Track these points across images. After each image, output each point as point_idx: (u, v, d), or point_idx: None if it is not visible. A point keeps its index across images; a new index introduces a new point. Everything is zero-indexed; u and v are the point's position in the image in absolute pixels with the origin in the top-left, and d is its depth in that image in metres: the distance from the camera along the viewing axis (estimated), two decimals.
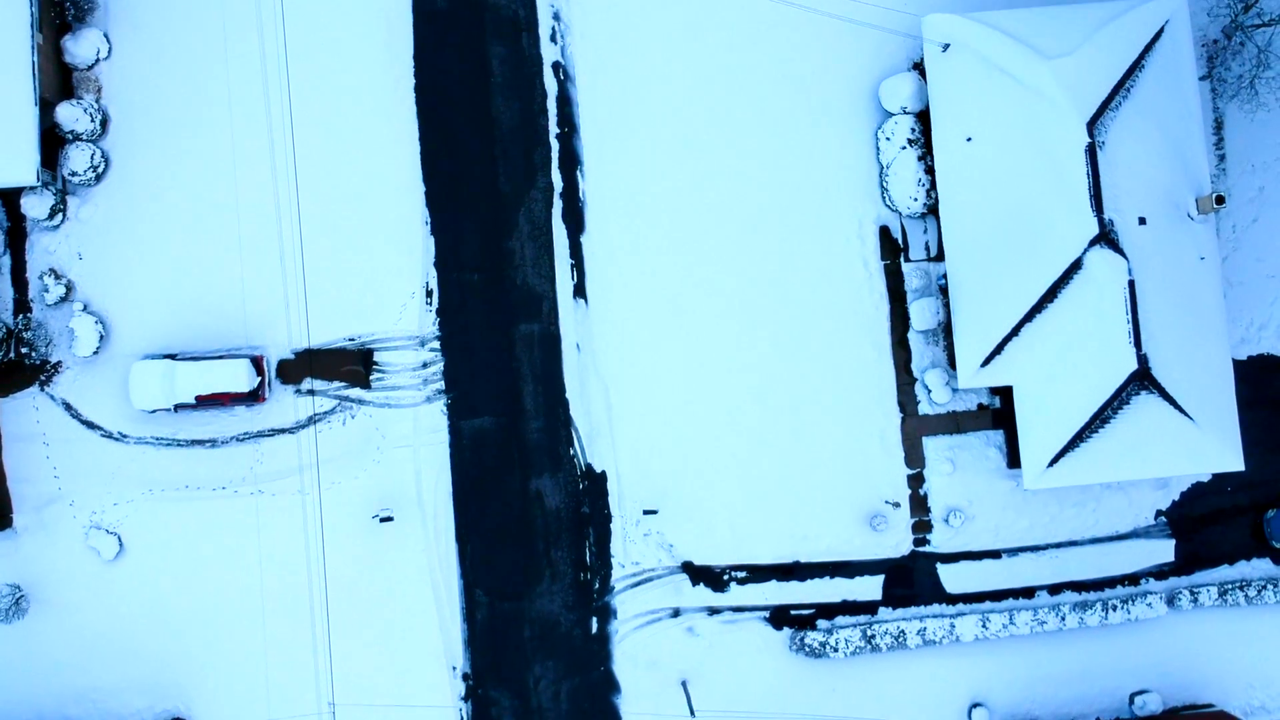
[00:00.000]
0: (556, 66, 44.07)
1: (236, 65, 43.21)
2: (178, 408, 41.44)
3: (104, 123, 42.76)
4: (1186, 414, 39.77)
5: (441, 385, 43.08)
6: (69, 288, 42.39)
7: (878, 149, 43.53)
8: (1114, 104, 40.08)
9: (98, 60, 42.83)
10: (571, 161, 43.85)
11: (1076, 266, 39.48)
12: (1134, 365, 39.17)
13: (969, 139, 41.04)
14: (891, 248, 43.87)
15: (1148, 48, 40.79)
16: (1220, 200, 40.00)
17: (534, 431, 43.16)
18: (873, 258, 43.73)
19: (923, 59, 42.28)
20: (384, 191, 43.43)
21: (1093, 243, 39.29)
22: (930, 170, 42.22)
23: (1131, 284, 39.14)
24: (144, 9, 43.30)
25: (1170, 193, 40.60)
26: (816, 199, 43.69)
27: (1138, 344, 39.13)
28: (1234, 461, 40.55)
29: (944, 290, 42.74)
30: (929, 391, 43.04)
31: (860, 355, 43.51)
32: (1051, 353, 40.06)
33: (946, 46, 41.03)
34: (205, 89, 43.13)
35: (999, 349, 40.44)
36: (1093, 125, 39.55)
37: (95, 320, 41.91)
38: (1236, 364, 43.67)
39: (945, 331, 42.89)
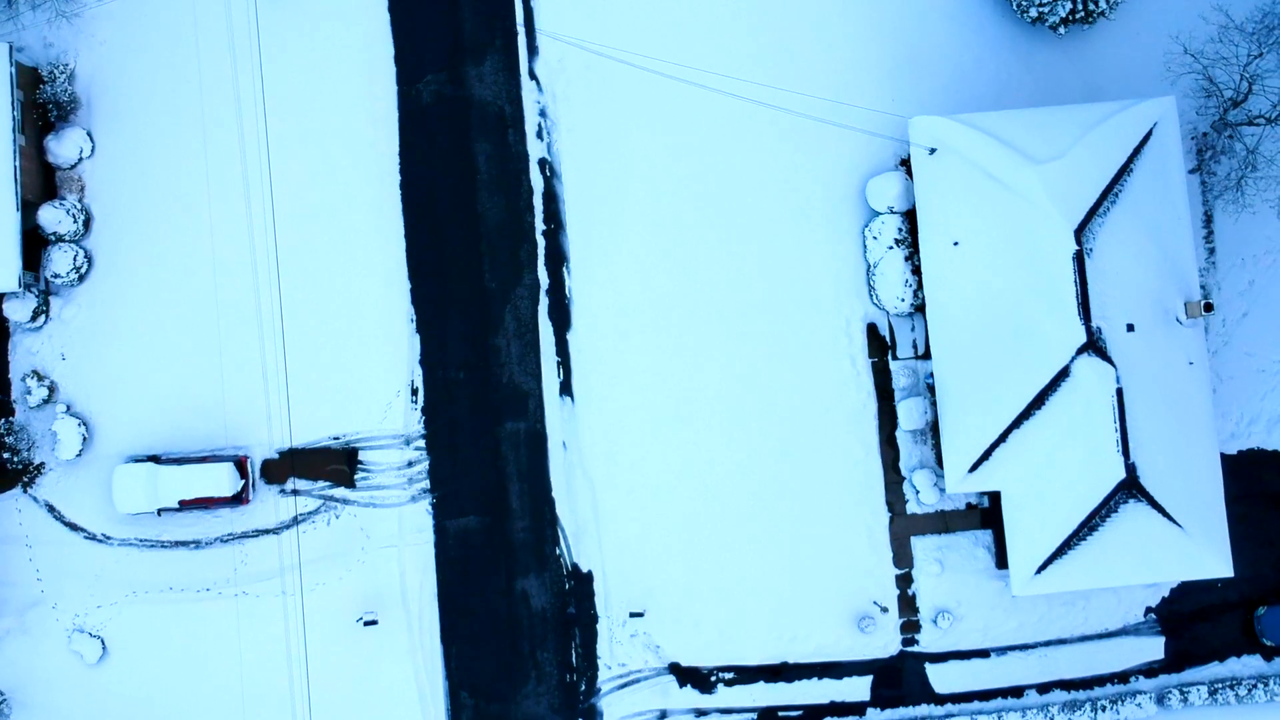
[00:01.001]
0: (543, 163, 43.86)
1: (218, 160, 43.11)
2: (161, 512, 41.23)
3: (87, 222, 42.57)
4: (1175, 522, 39.51)
5: (427, 484, 42.85)
6: (52, 389, 42.17)
7: (865, 247, 43.31)
8: (1102, 209, 39.86)
9: (80, 159, 42.65)
10: (558, 258, 43.63)
11: (1064, 374, 39.23)
12: (1122, 474, 38.92)
13: (956, 243, 40.81)
14: (879, 345, 43.64)
15: (1136, 151, 40.56)
16: (1209, 308, 39.79)
17: (520, 531, 42.92)
18: (860, 355, 43.49)
19: (910, 156, 42.12)
20: (369, 288, 43.25)
21: (1080, 351, 39.05)
22: (917, 270, 42.00)
23: (1119, 392, 38.88)
24: (127, 104, 43.18)
25: (1159, 297, 40.35)
26: (804, 295, 43.45)
27: (1125, 453, 38.89)
28: (1223, 568, 40.32)
29: (932, 389, 42.49)
30: (917, 492, 42.80)
31: (848, 453, 43.25)
32: (1039, 459, 39.80)
33: (933, 150, 40.80)
34: (187, 186, 43.07)
35: (986, 455, 40.17)
36: (1080, 232, 39.33)
37: (78, 422, 41.68)
38: (1227, 459, 43.43)
39: (933, 430, 42.66)
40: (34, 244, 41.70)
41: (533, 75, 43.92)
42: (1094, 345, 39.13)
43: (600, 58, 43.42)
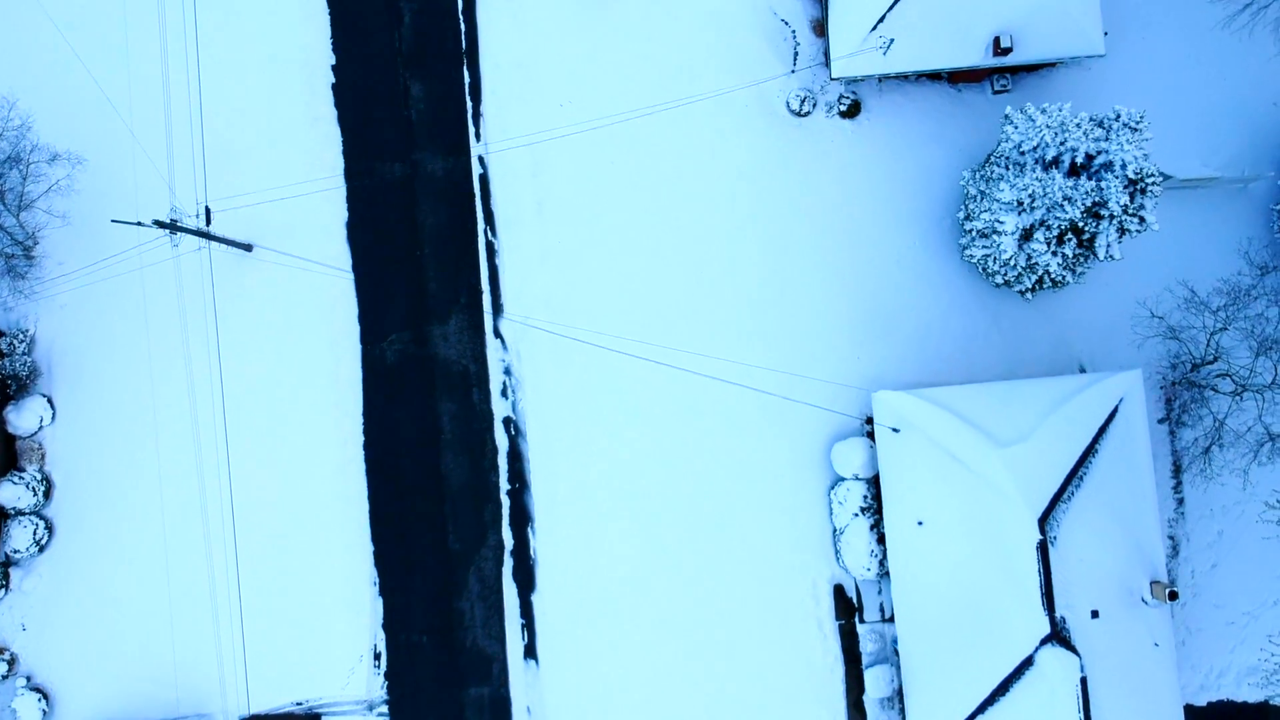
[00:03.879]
0: (507, 422, 43.62)
1: (174, 425, 42.73)
2: None
3: (48, 491, 42.32)
4: None
5: None
6: (12, 661, 41.86)
7: (831, 510, 43.08)
8: (1067, 495, 39.58)
9: (41, 427, 42.37)
10: (522, 519, 43.37)
11: (1028, 663, 38.97)
12: None
13: (920, 522, 40.56)
14: (846, 606, 43.37)
15: (1102, 429, 40.35)
16: (1173, 595, 39.53)
17: None
18: (827, 618, 43.22)
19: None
20: (331, 552, 42.97)
21: (1044, 641, 38.76)
22: (883, 539, 41.73)
23: (1084, 681, 38.64)
24: (88, 368, 43.06)
25: (1124, 578, 40.05)
26: (770, 557, 43.16)
27: None
28: None
29: (899, 653, 42.21)
30: None
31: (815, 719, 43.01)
32: None
33: (896, 430, 40.58)
34: (146, 450, 42.74)
35: None
36: (1044, 520, 39.04)
37: (39, 696, 41.36)
38: (1196, 710, 43.28)
39: (900, 698, 42.35)
40: None
41: (497, 333, 43.71)
42: (1058, 635, 38.86)
43: (566, 314, 43.24)
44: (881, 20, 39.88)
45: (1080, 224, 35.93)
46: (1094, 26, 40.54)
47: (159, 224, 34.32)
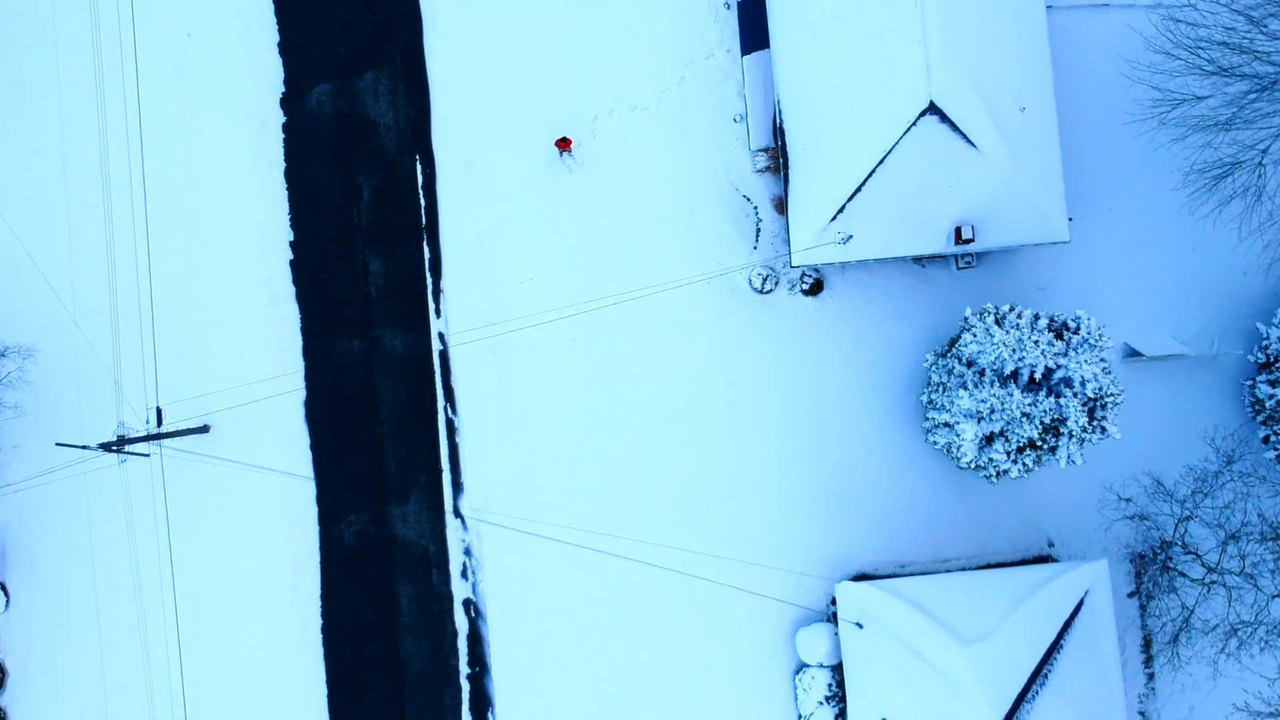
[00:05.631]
0: (467, 604, 43.06)
1: (118, 613, 42.19)
2: None
3: (1, 680, 41.72)
4: None
5: None
6: None
7: (796, 695, 42.47)
8: (1031, 693, 39.00)
9: None
10: (483, 703, 42.77)
11: None
12: None
13: (884, 719, 39.96)
14: None
15: (1068, 623, 39.78)
16: None
17: None
18: None
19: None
20: None
21: None
22: None
23: None
24: (41, 556, 42.39)
25: None
26: None
27: None
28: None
29: None
30: None
31: None
32: None
33: (860, 625, 40.02)
34: (93, 640, 42.15)
35: None
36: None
37: None
38: None
39: None
40: None
41: (457, 513, 43.18)
42: None
43: (527, 495, 42.79)
44: (841, 211, 39.44)
45: (1039, 441, 35.42)
46: (1059, 214, 40.12)
47: (105, 447, 33.86)
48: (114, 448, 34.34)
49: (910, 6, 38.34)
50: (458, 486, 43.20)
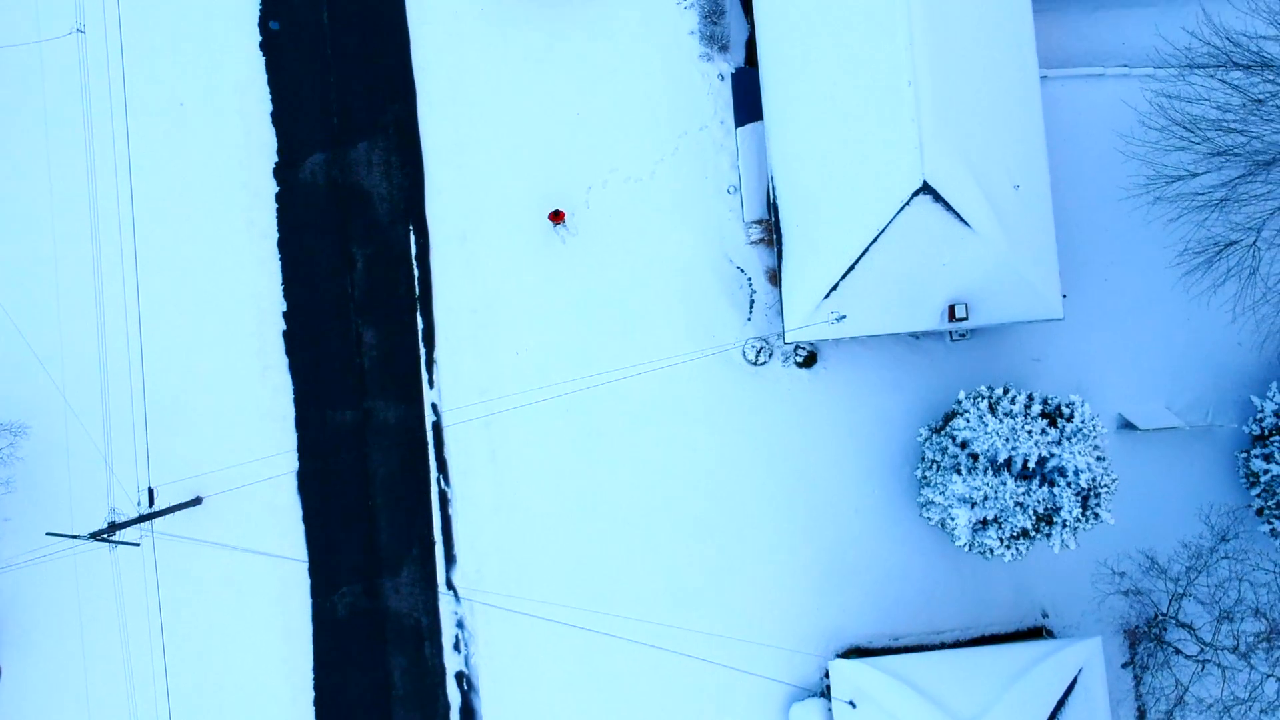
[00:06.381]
0: (460, 677, 42.93)
1: (102, 671, 42.15)
2: None
3: None
4: None
5: None
6: None
7: None
8: None
9: None
10: None
11: None
12: None
13: None
14: None
15: (1061, 701, 39.68)
16: None
17: None
18: None
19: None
20: None
21: None
22: None
23: None
24: (37, 630, 42.24)
25: None
26: None
27: None
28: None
29: None
30: None
31: None
32: None
33: (853, 704, 39.89)
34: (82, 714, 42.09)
35: None
36: None
37: None
38: None
39: None
40: None
41: (450, 585, 43.05)
42: None
43: (520, 566, 42.68)
44: (834, 289, 39.36)
45: (1032, 530, 35.34)
46: (1053, 292, 40.03)
47: (95, 536, 33.74)
48: (104, 536, 34.20)
49: (904, 85, 38.28)
50: (450, 559, 43.08)
